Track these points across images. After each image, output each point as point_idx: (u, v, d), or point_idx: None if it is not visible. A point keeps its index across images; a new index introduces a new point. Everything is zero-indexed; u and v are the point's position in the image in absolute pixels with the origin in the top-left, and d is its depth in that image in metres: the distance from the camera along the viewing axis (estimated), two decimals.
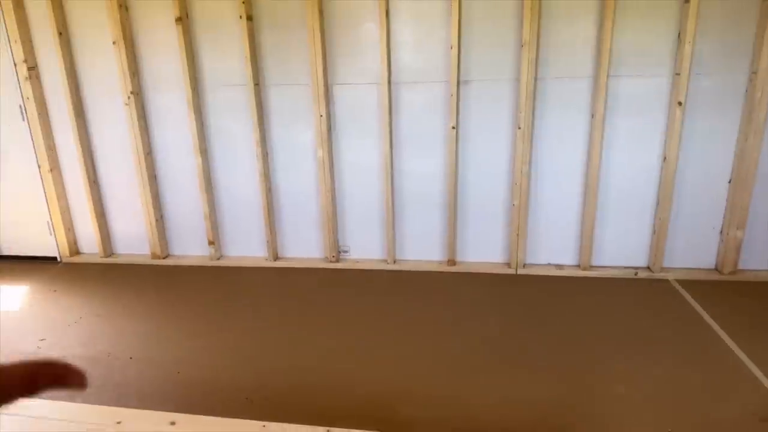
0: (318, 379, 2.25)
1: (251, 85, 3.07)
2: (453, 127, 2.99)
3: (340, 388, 2.18)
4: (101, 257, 3.56)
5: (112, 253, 3.62)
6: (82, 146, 3.34)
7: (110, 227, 3.58)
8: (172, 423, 1.54)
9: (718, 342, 2.42)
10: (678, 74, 2.76)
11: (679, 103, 2.78)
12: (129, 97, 3.18)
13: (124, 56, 3.11)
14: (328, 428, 1.49)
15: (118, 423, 1.52)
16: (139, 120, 3.23)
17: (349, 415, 2.02)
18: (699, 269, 3.08)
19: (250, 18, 2.99)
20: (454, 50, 2.86)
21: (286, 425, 1.52)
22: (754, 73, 2.71)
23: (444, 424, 1.95)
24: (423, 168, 3.14)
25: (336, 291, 3.07)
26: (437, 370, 2.29)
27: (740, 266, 3.02)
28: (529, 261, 3.21)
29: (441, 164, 3.11)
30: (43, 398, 2.14)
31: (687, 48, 2.69)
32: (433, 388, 2.16)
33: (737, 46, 2.72)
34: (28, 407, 1.65)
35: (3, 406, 0.32)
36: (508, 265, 3.22)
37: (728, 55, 2.74)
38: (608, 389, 2.12)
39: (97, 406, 1.58)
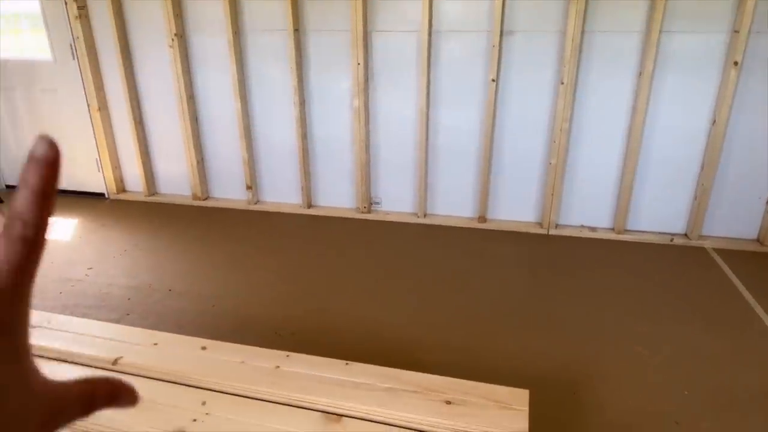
0: (343, 321, 2.34)
1: (291, 30, 3.06)
2: (493, 80, 2.93)
3: (363, 331, 2.26)
4: (145, 196, 3.72)
5: (156, 192, 3.77)
6: (128, 87, 3.44)
7: (154, 167, 3.71)
8: (203, 348, 1.64)
9: (750, 313, 2.38)
10: (737, 31, 2.60)
11: (735, 63, 2.64)
12: (173, 40, 3.24)
13: None
14: (346, 362, 1.56)
15: (155, 344, 1.62)
16: (182, 63, 3.29)
17: (369, 356, 2.09)
18: (739, 239, 2.99)
19: None
20: None
21: (307, 356, 1.60)
22: None
23: (458, 369, 2.01)
24: (459, 121, 3.10)
25: (365, 241, 3.13)
26: (460, 322, 2.33)
27: None
28: (561, 222, 3.18)
29: (478, 118, 3.07)
30: (84, 318, 2.30)
31: (749, 2, 2.53)
32: (453, 337, 2.22)
33: None
34: (70, 323, 1.78)
35: (60, 426, 0.28)
36: (540, 224, 3.20)
37: None
38: (627, 349, 2.12)
39: (136, 328, 1.69)
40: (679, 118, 2.84)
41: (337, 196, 3.46)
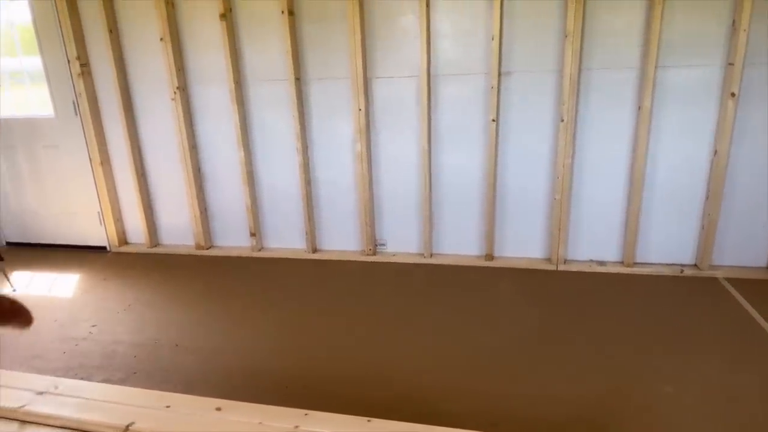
0: (356, 370, 2.28)
1: (292, 79, 3.10)
2: (493, 120, 2.95)
3: (378, 380, 2.20)
4: (148, 247, 3.69)
5: (158, 244, 3.74)
6: (130, 140, 3.45)
7: (156, 218, 3.70)
8: (218, 408, 1.59)
9: (767, 342, 2.33)
10: (731, 64, 2.65)
11: (732, 95, 2.67)
12: (175, 92, 3.27)
13: (170, 52, 3.20)
14: (369, 418, 1.51)
15: (167, 407, 1.57)
16: (184, 114, 3.32)
17: (387, 407, 2.03)
18: (749, 267, 2.97)
19: (291, 13, 3.02)
20: (496, 41, 2.82)
21: (327, 414, 1.54)
22: None
23: (483, 418, 1.95)
24: (462, 161, 3.11)
25: (373, 284, 3.09)
26: (476, 365, 2.28)
27: None
28: (570, 257, 3.16)
29: (480, 158, 3.08)
30: (90, 381, 2.24)
31: (741, 36, 2.58)
32: (472, 382, 2.16)
33: None
34: (78, 388, 1.73)
35: None
36: (549, 260, 3.17)
37: None
38: (654, 388, 2.07)
39: (147, 390, 1.64)
40: (681, 150, 2.86)
41: (341, 240, 3.44)
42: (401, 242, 3.35)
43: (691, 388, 2.07)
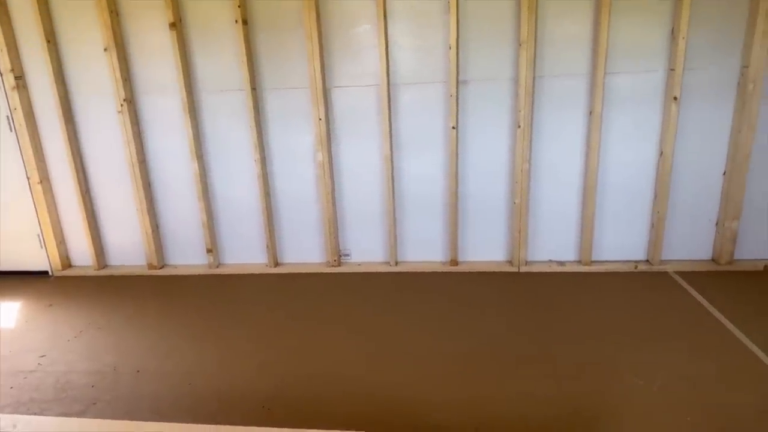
0: (331, 386, 2.23)
1: (248, 89, 3.03)
2: (453, 127, 2.99)
3: (355, 394, 2.16)
4: (95, 270, 3.48)
5: (106, 265, 3.53)
6: (72, 156, 3.25)
7: (104, 238, 3.49)
8: None
9: (723, 331, 2.47)
10: (672, 69, 2.81)
11: (674, 98, 2.84)
12: (122, 105, 3.12)
13: (116, 63, 3.05)
14: None
15: None
16: (132, 127, 3.17)
17: (368, 421, 2.00)
18: (696, 260, 3.14)
19: (245, 22, 2.96)
20: (453, 51, 2.87)
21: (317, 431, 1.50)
22: (746, 66, 2.78)
23: (464, 426, 1.95)
24: (423, 169, 3.14)
25: (339, 295, 3.04)
26: (449, 372, 2.28)
27: (736, 256, 3.08)
28: (530, 258, 3.24)
29: (441, 164, 3.12)
30: (53, 415, 2.07)
31: (681, 43, 2.75)
32: (448, 390, 2.16)
33: (729, 41, 2.79)
34: (38, 424, 1.59)
35: None
36: (511, 263, 3.24)
37: (720, 50, 2.81)
38: (624, 381, 2.14)
39: (118, 421, 1.53)
40: (630, 152, 3.00)
41: (304, 252, 3.38)
42: (366, 252, 3.33)
43: (656, 378, 2.15)
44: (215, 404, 2.14)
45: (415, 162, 3.14)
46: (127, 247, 3.48)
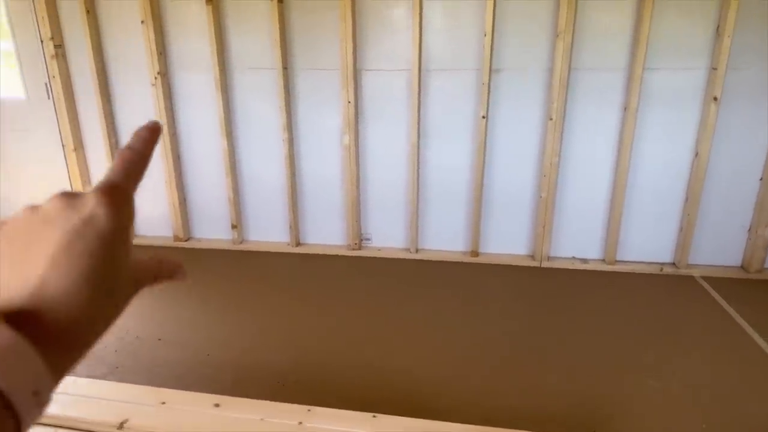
0: (345, 366, 2.25)
1: (280, 68, 3.04)
2: (483, 117, 2.96)
3: (368, 376, 2.18)
4: None
5: (135, 234, 3.62)
6: (107, 126, 3.32)
7: None
8: (217, 405, 1.54)
9: (746, 339, 2.42)
10: (715, 68, 2.72)
11: (714, 99, 2.75)
12: (156, 78, 3.16)
13: (152, 36, 3.09)
14: (374, 414, 1.49)
15: (163, 403, 1.52)
16: (165, 101, 3.21)
17: (383, 402, 2.02)
18: (724, 267, 3.07)
19: (281, 0, 2.96)
20: (488, 37, 2.83)
21: (331, 410, 1.52)
22: None
23: (475, 415, 1.95)
24: (450, 157, 3.11)
25: (358, 278, 3.06)
26: (462, 361, 2.28)
27: (767, 265, 3.00)
28: (553, 254, 3.20)
29: (468, 154, 3.09)
30: (81, 376, 2.14)
31: (726, 41, 2.65)
32: (460, 378, 2.16)
33: None
34: (68, 384, 1.65)
35: (139, 289, 0.41)
36: (533, 257, 3.21)
37: (765, 51, 2.70)
38: (639, 383, 2.12)
39: (140, 386, 1.57)
40: (664, 152, 2.93)
41: (326, 234, 3.40)
42: (387, 237, 3.34)
43: (673, 381, 2.13)
44: (232, 375, 2.19)
45: (442, 150, 3.11)
46: (155, 218, 3.55)
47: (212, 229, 3.51)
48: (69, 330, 0.33)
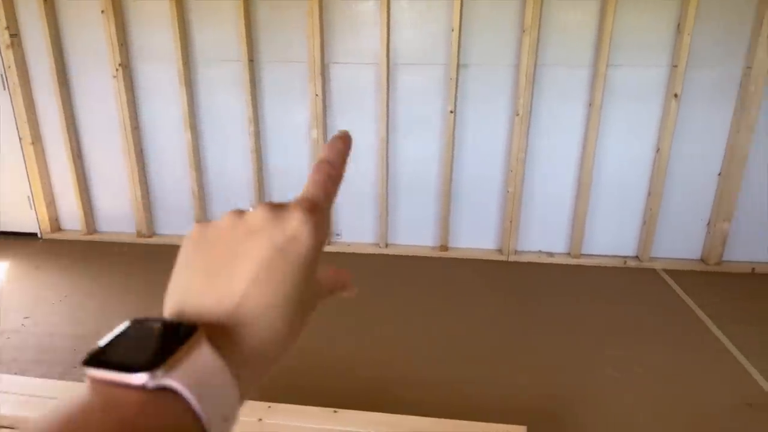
0: (315, 361, 2.23)
1: (245, 61, 2.99)
2: (451, 111, 2.97)
3: (336, 370, 2.17)
4: (84, 234, 3.46)
5: (95, 231, 3.52)
6: (66, 118, 3.22)
7: (94, 203, 3.48)
8: None
9: (703, 329, 2.48)
10: (675, 66, 2.78)
11: (675, 95, 2.81)
12: (117, 69, 3.08)
13: (112, 26, 3.00)
14: (335, 409, 1.48)
15: None
16: (126, 93, 3.13)
17: (349, 398, 2.00)
18: (685, 260, 3.14)
19: None
20: (455, 33, 2.83)
21: (292, 406, 1.50)
22: (749, 67, 2.75)
23: (440, 407, 1.95)
24: (418, 151, 3.11)
25: None
26: (430, 355, 2.29)
27: (725, 258, 3.08)
28: (521, 248, 3.23)
29: (437, 148, 3.09)
30: (35, 376, 2.07)
31: (685, 39, 2.71)
32: (429, 371, 2.17)
33: (734, 41, 2.76)
34: (19, 384, 1.59)
35: (319, 300, 0.39)
36: (500, 251, 3.24)
37: (725, 49, 2.77)
38: (601, 373, 2.15)
39: None
40: (627, 147, 2.98)
41: None
42: (356, 232, 3.32)
43: (633, 371, 2.17)
44: None
45: (411, 144, 3.11)
46: (118, 213, 3.46)
47: (177, 224, 3.44)
48: (261, 351, 0.32)
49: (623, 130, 2.96)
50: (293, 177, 3.25)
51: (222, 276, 0.32)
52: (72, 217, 3.49)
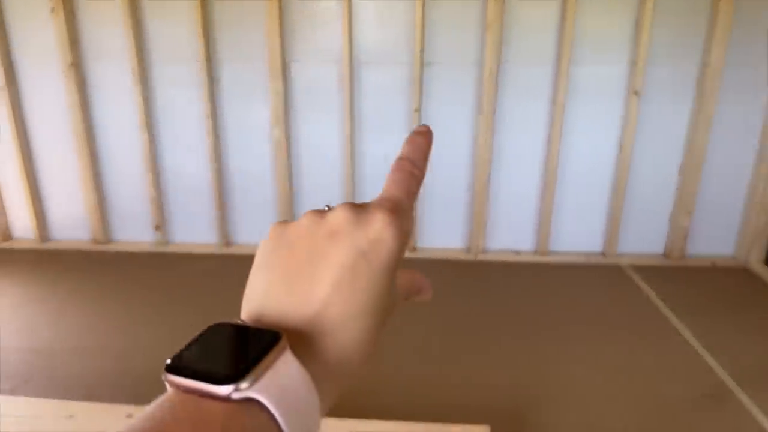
0: None
1: (203, 59, 2.90)
2: (416, 110, 2.94)
3: None
4: (37, 243, 3.30)
5: (49, 238, 3.36)
6: (14, 120, 3.06)
7: (46, 210, 3.31)
8: (129, 416, 1.42)
9: (667, 324, 2.51)
10: (635, 63, 2.82)
11: (635, 92, 2.85)
12: (69, 69, 2.94)
13: (63, 25, 2.87)
14: None
15: (70, 416, 1.38)
16: (79, 94, 3.00)
17: None
18: (650, 255, 3.19)
19: None
20: (418, 30, 2.80)
21: None
22: (705, 65, 2.81)
23: (400, 410, 1.91)
24: (385, 151, 3.07)
25: None
26: (397, 356, 2.25)
27: (687, 252, 3.14)
28: (488, 247, 3.23)
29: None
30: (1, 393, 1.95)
31: (644, 36, 2.75)
32: (388, 374, 2.12)
33: (691, 38, 2.81)
34: None
35: (398, 302, 0.36)
36: (468, 251, 3.22)
37: (683, 47, 2.83)
38: (567, 371, 2.15)
39: (44, 399, 1.43)
40: (591, 144, 3.01)
41: (257, 233, 3.27)
42: None
43: (597, 368, 2.18)
44: (154, 385, 2.04)
45: (376, 143, 3.07)
46: (72, 220, 3.31)
47: (134, 230, 3.30)
48: (341, 363, 0.31)
49: (587, 127, 2.98)
50: (255, 178, 3.17)
51: (301, 281, 0.31)
52: (24, 226, 3.32)
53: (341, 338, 0.30)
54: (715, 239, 3.14)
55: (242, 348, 0.29)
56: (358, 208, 0.34)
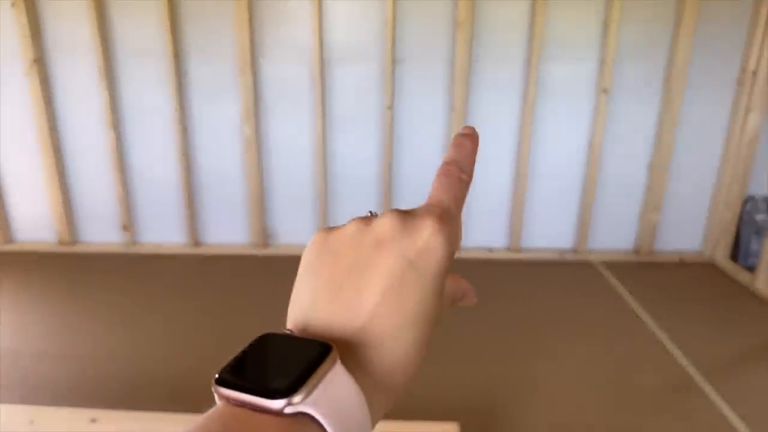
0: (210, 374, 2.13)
1: (171, 55, 2.84)
2: (388, 108, 2.93)
3: None
4: (1, 244, 3.20)
5: (12, 240, 3.25)
6: None
7: (10, 211, 3.21)
8: (93, 420, 1.38)
9: (636, 319, 2.55)
10: (603, 61, 2.86)
11: (604, 90, 2.89)
12: (31, 66, 2.85)
13: (24, 20, 2.78)
14: None
15: (31, 422, 1.34)
16: (42, 90, 2.91)
17: None
18: (620, 251, 3.23)
19: None
20: (389, 27, 2.79)
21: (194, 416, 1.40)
22: (671, 63, 2.86)
23: None
24: (358, 149, 3.06)
25: (263, 280, 2.93)
26: None
27: (656, 248, 3.20)
28: (462, 244, 3.23)
29: (376, 145, 3.05)
30: None
31: (612, 34, 2.79)
32: None
33: (658, 36, 2.86)
34: None
35: (443, 307, 0.34)
36: None
37: (650, 45, 2.87)
38: (538, 367, 2.17)
39: (4, 405, 1.38)
40: (562, 141, 3.04)
41: (229, 232, 3.23)
42: (296, 233, 3.22)
43: (568, 364, 2.20)
44: (121, 389, 2.00)
45: (350, 141, 3.05)
46: (36, 221, 3.21)
47: (101, 231, 3.22)
48: (389, 375, 0.30)
49: (558, 124, 3.01)
50: (224, 177, 3.12)
51: (348, 290, 0.30)
52: None
53: (389, 350, 0.30)
54: (683, 235, 3.20)
55: (292, 360, 0.27)
56: (405, 216, 0.32)
